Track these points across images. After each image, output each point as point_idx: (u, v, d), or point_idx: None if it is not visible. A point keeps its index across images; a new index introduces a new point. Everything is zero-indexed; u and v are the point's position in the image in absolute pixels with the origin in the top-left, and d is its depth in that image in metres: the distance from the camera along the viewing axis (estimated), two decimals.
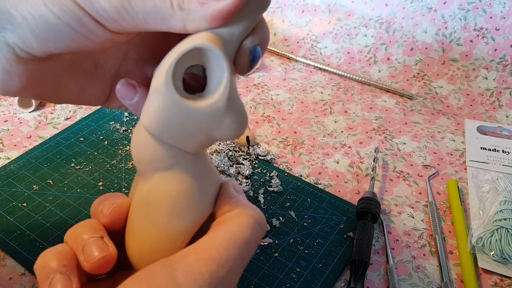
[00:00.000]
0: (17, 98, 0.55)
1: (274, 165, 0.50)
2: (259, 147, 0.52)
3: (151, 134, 0.25)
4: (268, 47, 0.72)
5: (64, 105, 0.58)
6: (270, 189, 0.47)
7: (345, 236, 0.42)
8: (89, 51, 0.30)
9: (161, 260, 0.23)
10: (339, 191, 0.48)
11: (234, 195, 0.27)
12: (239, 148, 0.52)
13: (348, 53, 0.69)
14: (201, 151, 0.27)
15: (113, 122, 0.55)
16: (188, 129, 0.24)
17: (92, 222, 0.26)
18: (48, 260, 0.24)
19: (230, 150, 0.50)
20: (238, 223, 0.25)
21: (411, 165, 0.51)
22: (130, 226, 0.26)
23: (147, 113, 0.25)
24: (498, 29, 0.61)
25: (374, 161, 0.49)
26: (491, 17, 0.61)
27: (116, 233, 0.27)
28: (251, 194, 0.46)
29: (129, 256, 0.26)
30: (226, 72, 0.24)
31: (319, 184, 0.48)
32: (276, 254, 0.40)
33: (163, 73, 0.24)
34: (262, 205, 0.45)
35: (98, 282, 0.27)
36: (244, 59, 0.26)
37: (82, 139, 0.52)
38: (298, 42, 0.73)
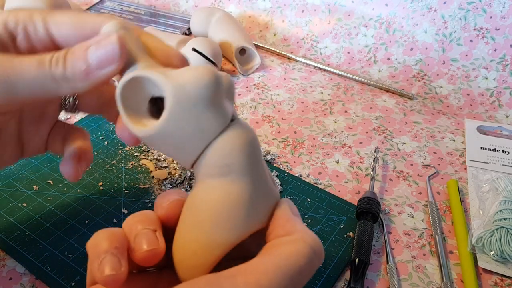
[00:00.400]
0: None
1: (274, 165, 0.50)
2: None
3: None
4: (268, 47, 0.72)
5: None
6: None
7: (345, 236, 0.42)
8: None
9: (208, 276, 0.22)
10: (339, 191, 0.48)
11: (291, 218, 0.26)
12: None
13: (348, 53, 0.69)
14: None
15: (113, 122, 0.55)
16: (190, 123, 0.24)
17: (150, 214, 0.27)
18: (101, 240, 0.25)
19: None
20: (293, 250, 0.23)
21: (411, 165, 0.51)
22: (178, 225, 0.26)
23: (184, 151, 0.26)
24: (498, 29, 0.61)
25: (374, 161, 0.49)
26: (491, 17, 0.61)
27: (172, 230, 0.27)
28: None
29: (172, 255, 0.26)
30: (151, 74, 0.25)
31: (319, 184, 0.48)
32: None
33: (131, 128, 0.26)
34: None
35: (145, 274, 0.27)
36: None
37: None
38: (298, 42, 0.73)
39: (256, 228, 0.25)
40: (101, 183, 0.46)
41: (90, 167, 0.48)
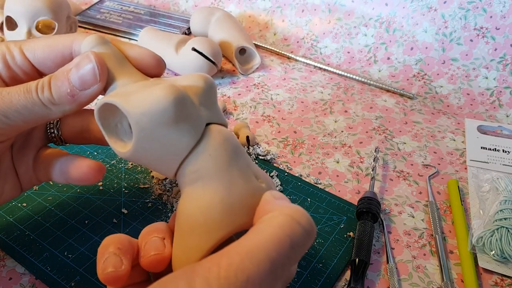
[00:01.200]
0: None
1: (274, 165, 0.50)
2: (259, 147, 0.51)
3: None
4: (268, 46, 0.72)
5: None
6: None
7: (345, 236, 0.42)
8: None
9: (189, 265, 0.22)
10: (339, 191, 0.48)
11: (271, 201, 0.26)
12: None
13: (348, 52, 0.69)
14: (216, 119, 0.27)
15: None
16: (163, 141, 0.26)
17: (161, 225, 0.28)
18: (107, 243, 0.26)
19: None
20: (269, 225, 0.23)
21: (411, 164, 0.51)
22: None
23: (164, 164, 0.27)
24: (498, 29, 0.61)
25: (374, 160, 0.49)
26: (491, 17, 0.61)
27: None
28: None
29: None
30: (116, 102, 0.26)
31: (319, 184, 0.48)
32: None
33: (112, 146, 0.28)
34: None
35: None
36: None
37: None
38: (298, 42, 0.73)
39: (237, 227, 0.25)
40: (101, 183, 0.46)
41: None
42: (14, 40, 0.32)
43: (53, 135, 0.37)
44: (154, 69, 0.31)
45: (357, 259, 0.38)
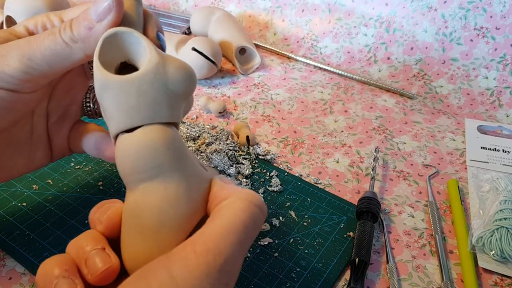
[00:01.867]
0: None
1: (274, 164, 0.50)
2: (259, 147, 0.51)
3: (128, 130, 0.26)
4: (268, 46, 0.72)
5: None
6: (270, 188, 0.46)
7: (345, 236, 0.42)
8: (19, 119, 0.34)
9: (160, 256, 0.23)
10: (339, 190, 0.48)
11: (223, 187, 0.27)
12: (239, 147, 0.52)
13: (348, 52, 0.69)
14: (179, 119, 0.27)
15: None
16: (146, 96, 0.25)
17: (93, 234, 0.27)
18: (50, 268, 0.24)
19: (230, 150, 0.50)
20: (232, 209, 0.25)
21: (411, 164, 0.51)
22: (123, 235, 0.27)
23: (114, 118, 0.26)
24: (499, 28, 0.61)
25: (374, 160, 0.49)
26: (491, 17, 0.61)
27: (116, 240, 0.27)
28: None
29: (125, 267, 0.26)
30: (144, 38, 0.27)
31: (319, 183, 0.48)
32: (276, 254, 0.40)
33: (96, 69, 0.26)
34: None
35: None
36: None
37: None
38: (298, 42, 0.73)
39: (200, 215, 0.26)
40: (100, 183, 0.46)
41: (90, 167, 0.48)
42: (54, 11, 0.33)
43: (88, 108, 0.39)
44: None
45: (357, 259, 0.38)
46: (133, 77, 0.25)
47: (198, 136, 0.52)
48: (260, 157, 0.51)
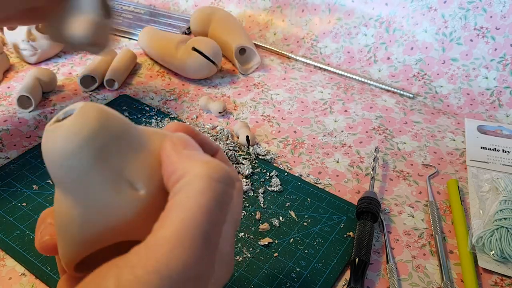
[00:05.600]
0: (16, 98, 0.55)
1: (274, 164, 0.50)
2: (259, 147, 0.51)
3: None
4: (268, 46, 0.72)
5: (63, 104, 0.58)
6: (270, 188, 0.46)
7: (345, 235, 0.42)
8: None
9: (109, 262, 0.20)
10: (339, 190, 0.48)
11: (176, 160, 0.22)
12: (239, 147, 0.52)
13: (348, 52, 0.69)
14: (94, 162, 0.21)
15: None
16: None
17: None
18: (44, 216, 0.27)
19: (230, 150, 0.50)
20: (188, 195, 0.20)
21: (411, 164, 0.51)
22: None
23: None
24: (498, 28, 0.61)
25: (374, 160, 0.49)
26: (491, 17, 0.61)
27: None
28: (251, 194, 0.46)
29: None
30: None
31: (319, 183, 0.48)
32: (276, 254, 0.40)
33: None
34: (262, 205, 0.45)
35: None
36: None
37: None
38: (298, 42, 0.73)
39: (104, 243, 0.23)
40: None
41: None
42: None
43: None
44: None
45: (357, 259, 0.38)
46: None
47: None
48: (260, 157, 0.51)
